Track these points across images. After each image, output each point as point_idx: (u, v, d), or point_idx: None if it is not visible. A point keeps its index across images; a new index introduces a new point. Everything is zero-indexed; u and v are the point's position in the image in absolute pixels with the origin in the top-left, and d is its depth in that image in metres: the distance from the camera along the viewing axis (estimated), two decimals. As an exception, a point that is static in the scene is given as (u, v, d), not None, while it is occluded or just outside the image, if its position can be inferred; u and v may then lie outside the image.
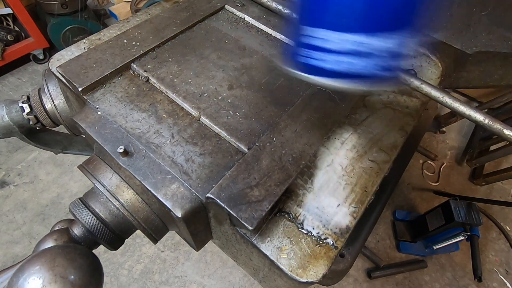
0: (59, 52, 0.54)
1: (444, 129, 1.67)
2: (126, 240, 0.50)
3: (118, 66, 0.48)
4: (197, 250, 0.50)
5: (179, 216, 0.37)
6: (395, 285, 1.26)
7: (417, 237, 1.31)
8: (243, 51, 0.54)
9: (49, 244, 0.45)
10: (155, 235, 0.47)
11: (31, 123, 0.63)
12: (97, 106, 0.44)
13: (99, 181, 0.45)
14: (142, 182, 0.39)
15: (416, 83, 0.49)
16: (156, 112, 0.45)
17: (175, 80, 0.48)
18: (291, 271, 0.35)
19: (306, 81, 0.32)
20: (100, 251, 1.18)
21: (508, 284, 1.25)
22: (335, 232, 0.38)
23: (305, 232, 0.38)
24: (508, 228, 1.41)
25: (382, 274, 1.25)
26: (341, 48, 0.28)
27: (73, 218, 0.47)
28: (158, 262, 1.27)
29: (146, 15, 0.61)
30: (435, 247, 1.24)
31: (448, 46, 0.52)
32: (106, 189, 0.44)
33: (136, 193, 0.45)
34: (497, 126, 0.45)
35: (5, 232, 1.30)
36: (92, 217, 0.45)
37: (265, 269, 0.41)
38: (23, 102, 0.62)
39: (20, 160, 1.50)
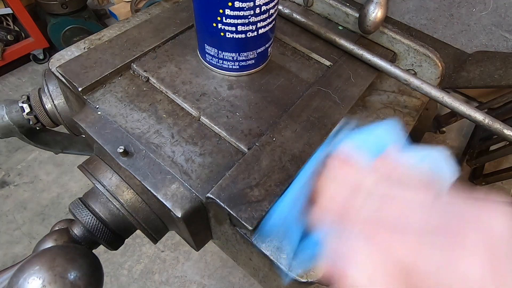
0: (59, 52, 0.54)
1: (444, 129, 1.67)
2: (126, 240, 0.50)
3: (118, 66, 0.48)
4: (197, 250, 0.50)
5: (179, 216, 0.37)
6: (395, 285, 1.26)
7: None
8: (243, 51, 0.54)
9: (49, 244, 0.45)
10: (155, 235, 0.47)
11: (31, 123, 0.63)
12: (97, 106, 0.44)
13: (99, 181, 0.45)
14: (142, 182, 0.39)
15: (416, 83, 0.49)
16: (156, 112, 0.45)
17: (175, 80, 0.48)
18: (291, 271, 0.35)
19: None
20: (100, 251, 1.18)
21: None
22: (335, 232, 0.38)
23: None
24: (508, 228, 1.41)
25: (382, 274, 1.25)
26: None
27: (73, 218, 0.47)
28: (158, 262, 1.27)
29: (146, 15, 0.61)
30: None
31: (448, 46, 0.52)
32: (106, 189, 0.44)
33: (136, 193, 0.45)
34: (497, 126, 0.45)
35: (5, 232, 1.30)
36: (92, 217, 0.45)
37: (265, 269, 0.41)
38: (23, 102, 0.62)
39: (20, 160, 1.50)
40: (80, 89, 0.44)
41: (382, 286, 0.21)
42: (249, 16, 0.41)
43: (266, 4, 0.41)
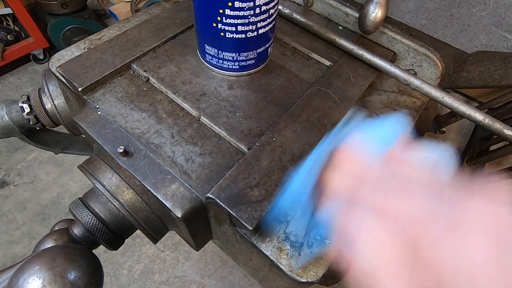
0: (59, 52, 0.54)
1: (444, 129, 1.67)
2: (126, 240, 0.50)
3: (118, 66, 0.48)
4: (197, 250, 0.50)
5: (179, 216, 0.37)
6: (395, 285, 1.26)
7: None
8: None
9: (49, 244, 0.45)
10: (155, 235, 0.47)
11: (31, 123, 0.63)
12: (97, 106, 0.44)
13: (99, 181, 0.45)
14: (142, 182, 0.39)
15: (416, 83, 0.49)
16: (156, 112, 0.45)
17: (175, 80, 0.48)
18: (291, 271, 0.35)
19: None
20: (100, 251, 1.18)
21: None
22: (335, 232, 0.38)
23: (305, 232, 0.38)
24: (508, 228, 1.41)
25: (382, 274, 1.25)
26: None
27: (73, 218, 0.47)
28: (158, 262, 1.27)
29: (146, 15, 0.61)
30: None
31: (448, 46, 0.52)
32: (106, 189, 0.44)
33: (136, 193, 0.45)
34: (497, 126, 0.45)
35: (5, 232, 1.30)
36: (92, 217, 0.45)
37: (265, 269, 0.41)
38: (23, 102, 0.62)
39: (20, 160, 1.50)
40: (80, 89, 0.44)
41: (389, 258, 0.21)
42: (249, 16, 0.41)
43: (266, 4, 0.41)
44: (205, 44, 0.47)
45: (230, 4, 0.40)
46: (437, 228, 0.20)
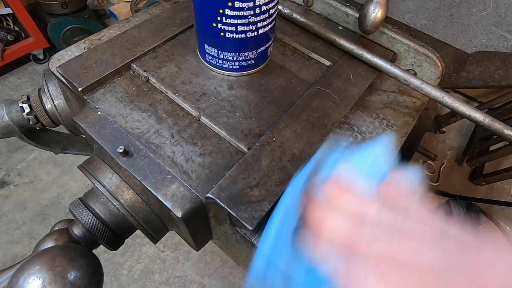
0: (59, 52, 0.54)
1: (444, 129, 1.67)
2: (126, 240, 0.50)
3: (118, 66, 0.48)
4: (197, 250, 0.50)
5: (179, 216, 0.37)
6: (395, 285, 1.26)
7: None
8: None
9: (49, 244, 0.45)
10: (155, 235, 0.47)
11: (31, 123, 0.63)
12: (97, 106, 0.44)
13: (99, 181, 0.45)
14: (142, 182, 0.39)
15: (416, 83, 0.49)
16: (156, 112, 0.45)
17: (175, 80, 0.48)
18: None
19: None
20: (100, 251, 1.18)
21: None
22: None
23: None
24: (508, 228, 1.41)
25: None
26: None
27: (73, 218, 0.47)
28: (158, 262, 1.27)
29: (146, 15, 0.61)
30: None
31: (448, 46, 0.52)
32: (106, 189, 0.44)
33: (136, 193, 0.45)
34: (497, 126, 0.45)
35: (5, 232, 1.30)
36: (92, 217, 0.45)
37: (265, 269, 0.41)
38: (23, 102, 0.62)
39: (20, 160, 1.50)
40: (80, 89, 0.44)
41: None
42: (249, 16, 0.41)
43: (266, 4, 0.41)
44: (205, 44, 0.47)
45: (230, 4, 0.40)
46: (453, 284, 0.18)
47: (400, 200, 0.25)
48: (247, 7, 0.40)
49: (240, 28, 0.42)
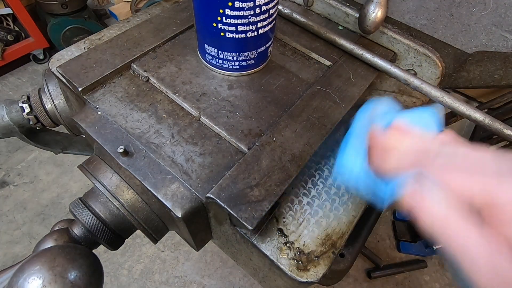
0: (59, 52, 0.54)
1: (444, 129, 1.66)
2: (126, 240, 0.50)
3: (118, 66, 0.48)
4: (197, 250, 0.50)
5: (179, 216, 0.37)
6: (395, 285, 1.26)
7: (417, 237, 1.31)
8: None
9: (49, 244, 0.45)
10: (155, 235, 0.47)
11: (31, 123, 0.63)
12: (97, 106, 0.44)
13: (99, 181, 0.45)
14: (142, 182, 0.39)
15: (416, 83, 0.49)
16: (156, 112, 0.45)
17: (175, 80, 0.48)
18: (291, 271, 0.35)
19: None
20: (100, 251, 1.18)
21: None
22: (335, 232, 0.38)
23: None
24: (508, 228, 1.41)
25: (382, 274, 1.25)
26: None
27: (73, 218, 0.47)
28: (158, 262, 1.27)
29: (146, 15, 0.61)
30: (435, 247, 1.24)
31: (448, 46, 0.52)
32: (106, 189, 0.44)
33: (136, 193, 0.45)
34: (497, 126, 0.45)
35: (5, 232, 1.30)
36: (92, 217, 0.45)
37: (265, 269, 0.41)
38: (23, 102, 0.62)
39: (20, 160, 1.50)
40: (80, 89, 0.44)
41: (461, 211, 0.21)
42: (249, 16, 0.41)
43: (266, 4, 0.41)
44: (205, 44, 0.47)
45: (230, 4, 0.40)
46: (503, 194, 0.20)
47: (458, 143, 0.27)
48: (247, 7, 0.40)
49: (240, 28, 0.42)
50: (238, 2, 0.39)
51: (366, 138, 0.31)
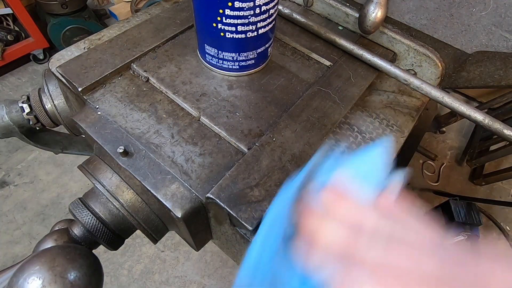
0: (59, 52, 0.54)
1: (444, 129, 1.67)
2: (126, 240, 0.50)
3: (118, 66, 0.48)
4: (197, 250, 0.50)
5: (179, 216, 0.37)
6: (395, 285, 1.26)
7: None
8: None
9: (49, 244, 0.45)
10: (155, 235, 0.47)
11: (31, 123, 0.63)
12: (97, 106, 0.44)
13: (99, 181, 0.45)
14: (142, 182, 0.39)
15: (416, 83, 0.49)
16: (156, 112, 0.45)
17: (175, 80, 0.48)
18: (291, 271, 0.35)
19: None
20: (100, 251, 1.18)
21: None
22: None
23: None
24: (508, 228, 1.41)
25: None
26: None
27: (73, 218, 0.47)
28: (158, 262, 1.27)
29: (146, 15, 0.61)
30: None
31: (448, 46, 0.52)
32: (106, 189, 0.44)
33: (136, 193, 0.45)
34: (497, 126, 0.45)
35: (5, 232, 1.30)
36: (92, 217, 0.45)
37: (265, 269, 0.41)
38: (23, 102, 0.62)
39: (20, 160, 1.50)
40: (80, 89, 0.44)
41: None
42: (249, 16, 0.41)
43: (266, 4, 0.41)
44: (205, 44, 0.47)
45: (230, 4, 0.40)
46: None
47: (397, 212, 0.24)
48: (247, 7, 0.40)
49: (240, 28, 0.42)
50: (238, 2, 0.39)
51: (290, 217, 0.26)
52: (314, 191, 0.27)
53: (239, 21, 0.42)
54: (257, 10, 0.41)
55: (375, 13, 0.51)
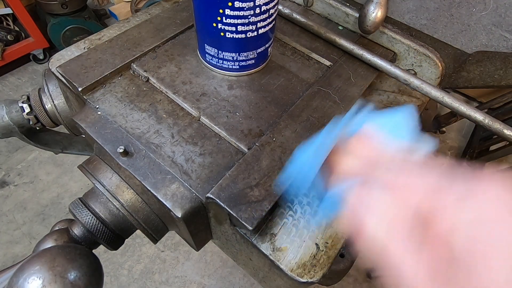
0: (59, 52, 0.54)
1: (444, 129, 1.67)
2: (126, 240, 0.50)
3: (118, 66, 0.48)
4: (197, 250, 0.50)
5: (179, 216, 0.37)
6: (395, 285, 1.26)
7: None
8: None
9: (49, 244, 0.45)
10: (155, 235, 0.47)
11: (31, 123, 0.63)
12: (97, 106, 0.44)
13: (99, 181, 0.45)
14: (142, 182, 0.39)
15: (416, 83, 0.49)
16: (156, 112, 0.45)
17: (175, 80, 0.48)
18: (291, 271, 0.35)
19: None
20: (100, 251, 1.18)
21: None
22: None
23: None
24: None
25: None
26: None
27: (73, 218, 0.47)
28: (158, 262, 1.27)
29: (146, 15, 0.61)
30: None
31: (448, 46, 0.52)
32: (106, 189, 0.44)
33: (136, 193, 0.45)
34: (497, 126, 0.45)
35: (5, 232, 1.30)
36: (92, 217, 0.45)
37: (265, 269, 0.41)
38: (23, 102, 0.62)
39: (20, 160, 1.50)
40: (80, 89, 0.44)
41: (400, 231, 0.21)
42: (249, 16, 0.41)
43: (266, 4, 0.41)
44: (205, 44, 0.47)
45: (230, 4, 0.40)
46: (449, 196, 0.20)
47: (412, 160, 0.27)
48: (247, 7, 0.40)
49: (240, 28, 0.42)
50: (238, 2, 0.39)
51: (330, 145, 0.31)
52: (344, 139, 0.31)
53: (239, 21, 0.42)
54: (257, 10, 0.41)
55: (375, 13, 0.51)
